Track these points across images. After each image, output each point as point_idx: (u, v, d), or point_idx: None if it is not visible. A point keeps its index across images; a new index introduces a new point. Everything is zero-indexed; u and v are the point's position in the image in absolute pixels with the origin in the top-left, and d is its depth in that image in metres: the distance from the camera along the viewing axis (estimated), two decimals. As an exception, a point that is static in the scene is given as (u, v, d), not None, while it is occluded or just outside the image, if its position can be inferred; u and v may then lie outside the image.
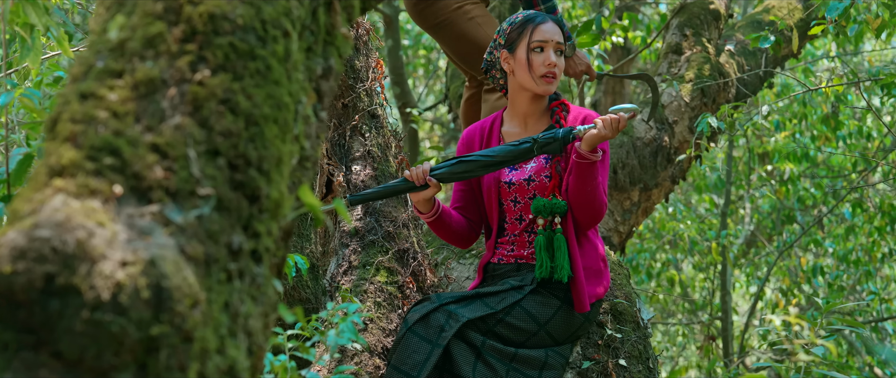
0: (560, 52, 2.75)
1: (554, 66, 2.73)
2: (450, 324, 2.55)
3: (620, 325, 2.89)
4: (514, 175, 2.78)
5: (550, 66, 2.73)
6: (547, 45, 2.74)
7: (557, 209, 2.68)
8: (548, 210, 2.68)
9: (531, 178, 2.77)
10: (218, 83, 1.17)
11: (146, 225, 1.07)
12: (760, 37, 3.41)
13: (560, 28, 2.81)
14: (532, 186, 2.76)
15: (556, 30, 2.77)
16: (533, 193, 2.76)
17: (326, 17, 1.35)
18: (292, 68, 1.26)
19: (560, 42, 2.75)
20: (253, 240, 1.17)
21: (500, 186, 2.80)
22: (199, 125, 1.15)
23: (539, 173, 2.76)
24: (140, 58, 1.17)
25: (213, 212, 1.13)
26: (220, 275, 1.12)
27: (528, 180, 2.77)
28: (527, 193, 2.77)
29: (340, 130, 3.15)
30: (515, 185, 2.78)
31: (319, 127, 1.37)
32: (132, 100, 1.14)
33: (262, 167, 1.19)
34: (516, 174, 2.78)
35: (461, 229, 2.83)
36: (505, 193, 2.80)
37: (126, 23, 1.19)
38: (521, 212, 2.79)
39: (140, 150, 1.11)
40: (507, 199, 2.80)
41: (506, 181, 2.79)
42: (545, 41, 2.74)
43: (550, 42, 2.73)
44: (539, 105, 2.81)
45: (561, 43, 2.75)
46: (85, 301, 1.00)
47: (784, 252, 5.98)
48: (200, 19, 1.19)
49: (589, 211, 2.66)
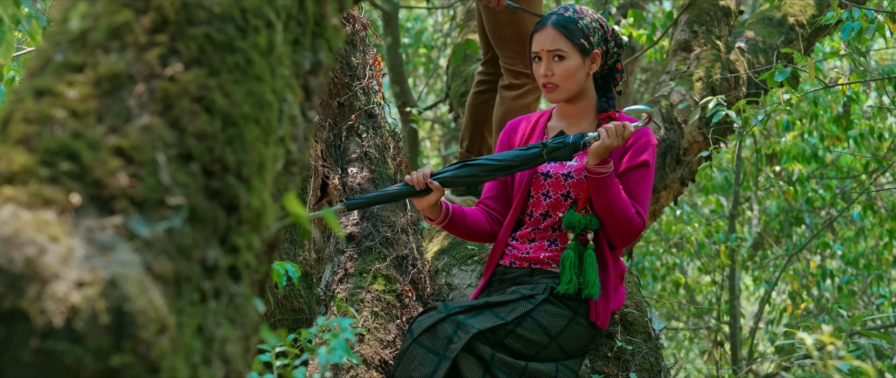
0: (559, 57, 2.62)
1: (545, 77, 2.64)
2: (458, 335, 2.42)
3: (631, 336, 2.76)
4: (552, 167, 2.65)
5: (542, 77, 2.64)
6: (541, 55, 2.65)
7: (592, 225, 2.56)
8: (582, 225, 2.56)
9: (570, 174, 2.63)
10: (191, 79, 1.04)
11: (107, 239, 0.95)
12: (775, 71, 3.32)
13: (563, 29, 2.64)
14: (569, 183, 2.62)
15: (549, 35, 2.64)
16: (567, 191, 2.62)
17: (315, 7, 1.22)
18: (276, 63, 1.14)
19: (555, 48, 2.62)
20: (231, 255, 1.05)
21: (535, 176, 2.66)
22: (169, 126, 1.02)
23: (579, 172, 2.62)
24: (104, 50, 1.05)
25: (184, 224, 1.00)
26: (193, 295, 1.00)
27: (566, 175, 2.63)
28: (561, 189, 2.63)
29: (336, 130, 3.02)
30: (552, 177, 2.64)
31: (307, 128, 1.24)
32: (94, 97, 1.02)
33: (241, 173, 1.06)
34: (555, 167, 2.65)
35: (479, 227, 2.69)
36: (537, 185, 2.66)
37: (89, 11, 1.07)
38: (548, 207, 2.65)
39: (102, 155, 0.99)
40: (538, 191, 2.66)
41: (542, 171, 2.66)
42: (538, 51, 2.64)
43: (543, 51, 2.63)
44: (575, 108, 2.69)
45: (558, 49, 2.62)
46: (34, 327, 0.87)
47: (794, 255, 5.86)
48: (172, 7, 1.06)
49: (616, 227, 2.53)
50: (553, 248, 2.63)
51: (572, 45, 2.63)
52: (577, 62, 2.63)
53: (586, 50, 2.64)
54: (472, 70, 4.87)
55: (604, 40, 2.70)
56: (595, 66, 2.67)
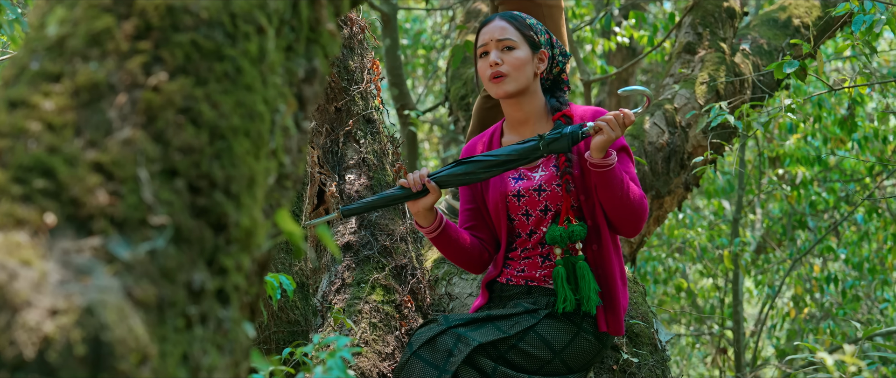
0: (509, 48, 2.53)
1: (495, 65, 2.54)
2: (459, 348, 2.35)
3: (637, 349, 2.69)
4: (521, 185, 2.55)
5: (492, 65, 2.54)
6: (489, 46, 2.57)
7: (576, 236, 2.47)
8: (565, 240, 2.47)
9: (541, 187, 2.53)
10: (177, 89, 0.98)
11: (84, 263, 0.88)
12: (783, 63, 3.23)
13: (512, 21, 2.57)
14: (544, 197, 2.53)
15: (498, 26, 2.56)
16: (545, 204, 2.53)
17: (310, 11, 1.15)
18: (268, 71, 1.07)
19: (504, 38, 2.54)
20: (218, 277, 0.98)
21: (508, 200, 2.57)
22: (153, 140, 0.96)
23: (550, 182, 2.52)
24: (83, 58, 0.98)
25: (168, 245, 0.93)
26: (178, 321, 0.93)
27: (538, 190, 2.54)
28: (538, 205, 2.54)
29: (333, 136, 2.94)
30: (524, 196, 2.55)
31: (301, 139, 1.17)
32: (72, 109, 0.95)
33: (229, 189, 0.99)
34: (523, 184, 2.55)
35: (470, 247, 2.59)
36: (513, 207, 2.56)
37: (67, 16, 1.00)
38: (533, 226, 2.56)
39: (80, 171, 0.92)
40: (516, 213, 2.57)
41: (513, 193, 2.56)
42: (486, 43, 2.56)
43: (491, 42, 2.55)
44: (523, 110, 2.57)
45: (507, 38, 2.54)
46: (3, 360, 0.81)
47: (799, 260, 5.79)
48: (156, 12, 1.00)
49: (629, 217, 2.44)
50: (547, 265, 2.55)
51: (522, 36, 2.56)
52: (526, 54, 2.55)
53: (535, 44, 2.57)
54: (472, 73, 4.79)
55: (550, 45, 2.63)
56: (542, 66, 2.58)
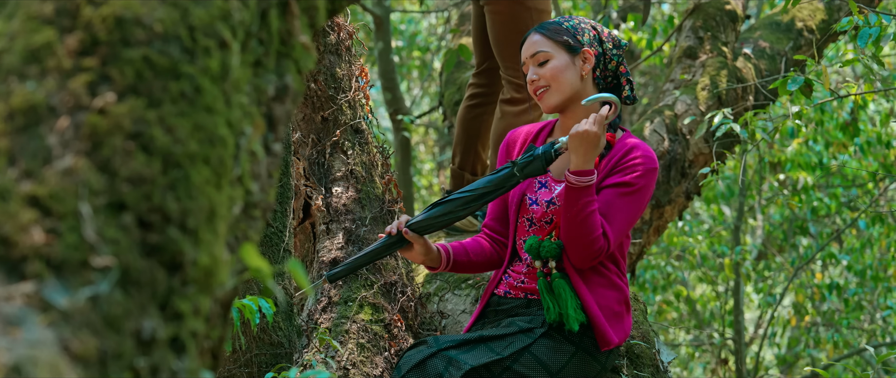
0: (545, 61, 2.44)
1: (532, 83, 2.47)
2: (450, 372, 2.24)
3: (637, 371, 2.58)
4: (541, 193, 2.45)
5: (531, 84, 2.48)
6: (527, 65, 2.50)
7: (546, 252, 2.35)
8: (534, 252, 2.36)
9: (553, 200, 2.42)
10: (126, 111, 0.87)
11: (14, 312, 0.77)
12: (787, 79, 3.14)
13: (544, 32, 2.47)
14: (551, 210, 2.41)
15: (530, 42, 2.48)
16: (550, 218, 2.41)
17: (281, 22, 1.05)
18: (232, 89, 0.96)
19: (537, 52, 2.44)
20: (173, 323, 0.87)
21: (523, 200, 2.47)
22: (97, 169, 0.85)
23: (562, 197, 2.40)
24: (19, 77, 0.87)
25: (113, 289, 0.83)
26: (124, 376, 0.82)
27: (549, 202, 2.42)
28: (544, 217, 2.42)
29: (320, 147, 2.82)
30: (538, 204, 2.43)
31: (271, 163, 1.06)
32: (5, 134, 0.85)
33: (185, 224, 0.88)
34: (543, 193, 2.44)
35: (485, 257, 2.50)
36: (524, 210, 2.47)
37: (3, 29, 0.89)
38: (532, 234, 2.45)
39: (12, 206, 0.81)
40: (523, 216, 2.47)
41: (530, 196, 2.45)
42: (524, 62, 2.51)
43: (527, 60, 2.48)
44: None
45: (538, 51, 2.44)
46: (-86, 430, 0.70)
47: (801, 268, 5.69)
48: (104, 25, 0.89)
49: (576, 243, 2.29)
50: None
51: (555, 44, 2.45)
52: (563, 61, 2.44)
53: (573, 47, 2.45)
54: (466, 78, 4.68)
55: (598, 41, 2.51)
56: (588, 65, 2.47)
